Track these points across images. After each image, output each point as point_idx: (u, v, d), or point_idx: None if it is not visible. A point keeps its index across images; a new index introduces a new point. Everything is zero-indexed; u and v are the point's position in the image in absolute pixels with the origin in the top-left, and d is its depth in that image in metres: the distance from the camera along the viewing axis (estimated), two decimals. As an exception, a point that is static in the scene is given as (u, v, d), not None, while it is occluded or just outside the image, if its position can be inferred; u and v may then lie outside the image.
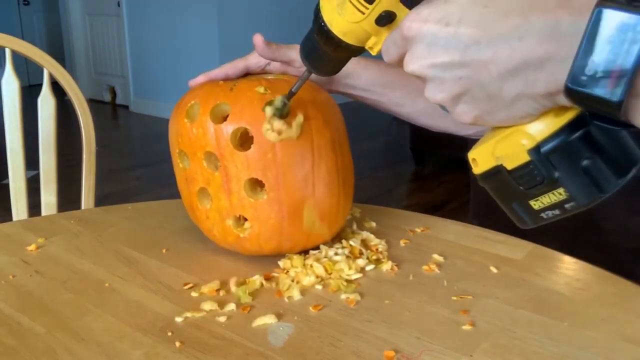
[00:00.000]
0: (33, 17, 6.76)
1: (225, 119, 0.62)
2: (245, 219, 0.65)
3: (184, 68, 4.74)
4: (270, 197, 0.62)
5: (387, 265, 0.67)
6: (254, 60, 0.72)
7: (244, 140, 0.62)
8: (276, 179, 0.62)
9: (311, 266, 0.64)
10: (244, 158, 0.61)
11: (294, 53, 0.71)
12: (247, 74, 0.74)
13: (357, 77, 0.73)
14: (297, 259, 0.66)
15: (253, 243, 0.66)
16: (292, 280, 0.63)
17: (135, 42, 5.20)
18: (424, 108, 0.76)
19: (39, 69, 1.10)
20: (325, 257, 0.67)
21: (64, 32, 6.04)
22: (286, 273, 0.65)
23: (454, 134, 0.79)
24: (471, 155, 0.47)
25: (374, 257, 0.68)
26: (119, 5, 5.21)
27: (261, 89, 0.63)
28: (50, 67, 1.10)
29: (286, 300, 0.60)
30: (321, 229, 0.66)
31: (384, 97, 0.76)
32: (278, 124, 0.59)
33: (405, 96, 0.75)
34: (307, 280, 0.62)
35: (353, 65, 0.72)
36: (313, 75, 0.71)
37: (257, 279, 0.63)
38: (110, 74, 5.65)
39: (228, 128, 0.61)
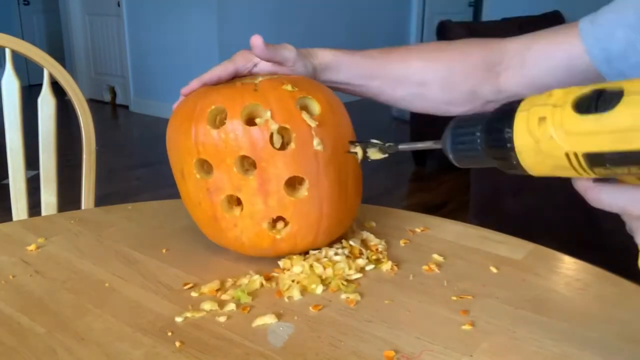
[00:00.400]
0: (33, 17, 6.76)
1: (252, 120, 0.61)
2: (277, 220, 0.64)
3: (184, 68, 4.74)
4: (311, 193, 0.63)
5: (387, 265, 0.67)
6: (241, 62, 0.72)
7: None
8: (317, 174, 0.63)
9: (311, 266, 0.64)
10: (284, 157, 0.61)
11: (286, 52, 0.71)
12: (234, 77, 0.72)
13: (336, 71, 0.75)
14: (297, 259, 0.66)
15: (289, 243, 0.65)
16: (293, 280, 0.62)
17: (135, 42, 5.20)
18: (404, 95, 0.78)
19: (39, 69, 1.10)
20: (325, 257, 0.67)
21: (64, 32, 6.03)
22: (285, 272, 0.64)
23: (432, 114, 0.80)
24: None
25: (374, 257, 0.68)
26: (119, 5, 5.21)
27: (289, 87, 0.63)
28: (50, 67, 1.10)
29: (286, 300, 0.60)
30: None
31: (363, 88, 0.78)
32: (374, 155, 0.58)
33: (383, 85, 0.78)
34: (307, 280, 0.62)
35: (329, 61, 0.74)
36: (302, 71, 0.72)
37: (257, 279, 0.63)
38: (110, 74, 5.65)
39: (266, 129, 0.60)
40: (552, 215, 1.71)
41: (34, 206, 1.12)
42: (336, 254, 0.67)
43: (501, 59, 0.75)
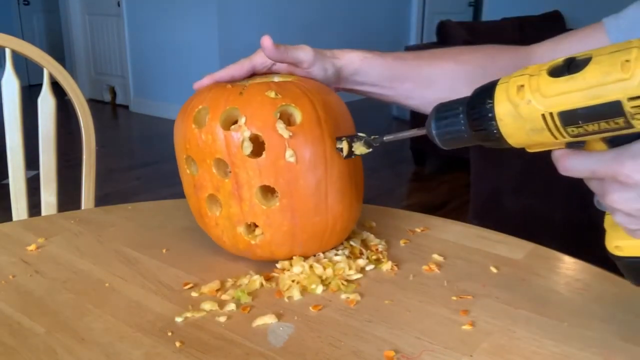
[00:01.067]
0: (33, 17, 6.76)
1: (234, 124, 0.60)
2: (257, 226, 0.64)
3: (184, 68, 4.74)
4: (282, 204, 0.61)
5: (387, 265, 0.67)
6: (259, 61, 0.71)
7: (254, 145, 0.61)
8: (289, 185, 0.61)
9: (311, 266, 0.64)
10: (256, 165, 0.60)
11: (301, 54, 0.69)
12: (252, 75, 0.72)
13: (365, 73, 0.73)
14: (296, 259, 0.66)
15: (265, 250, 0.65)
16: (293, 281, 0.62)
17: (135, 42, 5.20)
18: (434, 98, 0.77)
19: (39, 69, 1.10)
20: (325, 257, 0.67)
21: (64, 32, 6.03)
22: (285, 272, 0.64)
23: None
24: (615, 243, 0.48)
25: (374, 257, 0.68)
26: (119, 5, 5.21)
27: (272, 94, 0.61)
28: (50, 67, 1.10)
29: (286, 300, 0.60)
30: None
31: (393, 91, 0.76)
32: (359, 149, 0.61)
33: (414, 88, 0.76)
34: (307, 280, 0.62)
35: (360, 62, 0.73)
36: (320, 73, 0.70)
37: (257, 279, 0.63)
38: (110, 74, 5.65)
39: (239, 135, 0.60)
40: (552, 215, 1.71)
41: (34, 206, 1.12)
42: (336, 254, 0.67)
43: (528, 62, 0.74)
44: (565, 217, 1.59)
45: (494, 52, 0.77)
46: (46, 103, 1.12)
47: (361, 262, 0.66)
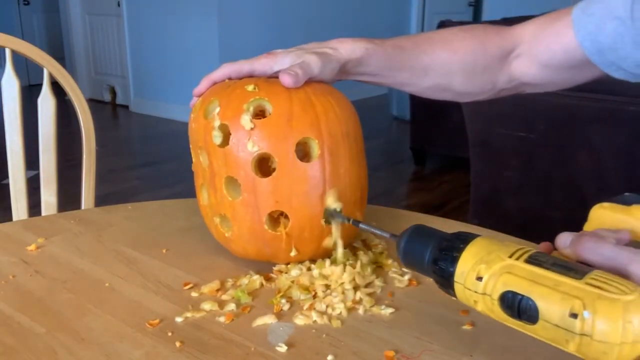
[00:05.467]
0: (33, 17, 6.76)
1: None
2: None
3: (184, 68, 4.74)
4: (244, 198, 0.61)
5: (387, 266, 0.66)
6: (259, 68, 0.69)
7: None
8: (252, 180, 0.60)
9: (309, 268, 0.64)
10: (222, 155, 0.60)
11: (314, 70, 0.67)
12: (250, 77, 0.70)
13: (366, 64, 0.74)
14: (292, 263, 0.65)
15: (237, 245, 0.65)
16: (292, 281, 0.62)
17: (135, 42, 5.20)
18: (429, 86, 0.79)
19: (39, 69, 1.10)
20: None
21: (64, 32, 6.04)
22: (283, 274, 0.64)
23: (454, 102, 0.84)
24: None
25: (379, 252, 0.68)
26: (119, 5, 5.21)
27: (250, 87, 0.61)
28: (50, 67, 1.10)
29: (284, 301, 0.60)
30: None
31: (391, 79, 0.78)
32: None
33: (411, 77, 0.78)
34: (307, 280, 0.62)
35: (362, 54, 0.73)
36: (328, 77, 0.70)
37: (257, 279, 0.63)
38: (110, 74, 5.65)
39: (213, 124, 0.61)
40: (552, 215, 1.71)
41: (34, 206, 1.12)
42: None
43: (513, 47, 0.76)
44: (565, 217, 1.59)
45: (484, 37, 0.79)
46: (46, 103, 1.12)
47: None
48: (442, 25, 3.08)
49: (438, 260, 0.47)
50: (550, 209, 1.75)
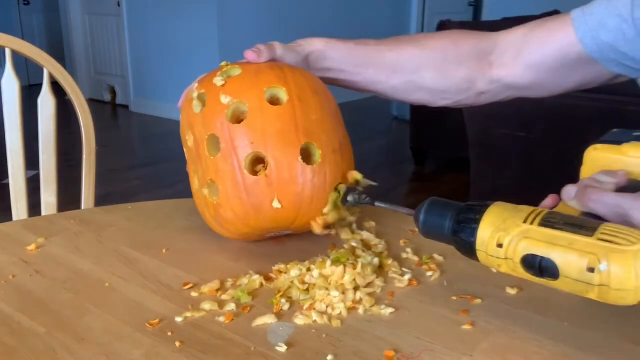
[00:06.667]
0: (33, 17, 6.76)
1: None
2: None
3: (184, 68, 4.74)
4: (223, 149, 0.64)
5: (387, 266, 0.66)
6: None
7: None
8: (228, 128, 0.64)
9: (309, 269, 0.64)
10: (201, 118, 0.66)
11: (277, 52, 0.72)
12: None
13: (330, 58, 0.75)
14: (292, 264, 0.65)
15: (225, 209, 0.65)
16: (292, 282, 0.62)
17: (135, 42, 5.20)
18: (399, 84, 0.78)
19: (39, 69, 1.10)
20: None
21: (64, 32, 6.03)
22: (282, 275, 0.64)
23: (429, 105, 0.83)
24: None
25: (379, 252, 0.68)
26: (119, 5, 5.21)
27: (224, 63, 0.68)
28: (50, 67, 1.10)
29: (285, 302, 0.60)
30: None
31: (359, 77, 0.78)
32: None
33: (379, 73, 0.77)
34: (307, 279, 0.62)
35: (323, 47, 0.75)
36: (291, 63, 0.72)
37: (257, 279, 0.63)
38: (110, 74, 5.65)
39: (193, 96, 0.68)
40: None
41: (34, 206, 1.12)
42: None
43: (493, 48, 0.76)
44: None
45: (456, 36, 0.79)
46: (46, 103, 1.12)
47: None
48: (442, 25, 3.08)
49: (458, 232, 0.50)
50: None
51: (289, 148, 0.63)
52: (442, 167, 3.68)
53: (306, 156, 0.64)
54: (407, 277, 0.64)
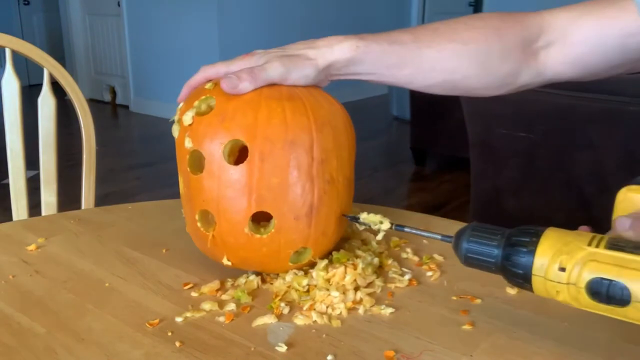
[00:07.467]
0: (33, 17, 6.76)
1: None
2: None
3: (184, 68, 4.74)
4: (183, 192, 0.63)
5: (387, 266, 0.66)
6: (234, 69, 0.64)
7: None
8: (188, 176, 0.61)
9: (307, 273, 0.63)
10: (177, 147, 0.63)
11: (272, 73, 0.63)
12: None
13: (359, 63, 0.67)
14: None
15: (220, 239, 0.61)
16: (289, 286, 0.62)
17: (135, 42, 5.20)
18: (436, 83, 0.71)
19: (39, 69, 1.10)
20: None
21: (64, 32, 6.04)
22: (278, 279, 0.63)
23: (464, 97, 0.78)
24: None
25: (379, 251, 0.68)
26: (119, 5, 5.21)
27: (208, 85, 0.63)
28: (50, 67, 1.10)
29: (283, 305, 0.60)
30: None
31: (392, 78, 0.70)
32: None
33: (416, 74, 0.70)
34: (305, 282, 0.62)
35: (353, 53, 0.66)
36: (300, 83, 0.64)
37: (254, 279, 0.63)
38: (110, 74, 5.65)
39: (174, 118, 0.64)
40: (552, 215, 1.71)
41: (34, 206, 1.12)
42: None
43: (538, 34, 0.67)
44: (565, 217, 1.59)
45: (500, 25, 0.69)
46: (46, 103, 1.12)
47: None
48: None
49: (511, 256, 0.46)
50: (550, 209, 1.75)
51: (236, 216, 0.58)
52: (442, 167, 3.68)
53: (266, 218, 0.60)
54: (407, 277, 0.64)
